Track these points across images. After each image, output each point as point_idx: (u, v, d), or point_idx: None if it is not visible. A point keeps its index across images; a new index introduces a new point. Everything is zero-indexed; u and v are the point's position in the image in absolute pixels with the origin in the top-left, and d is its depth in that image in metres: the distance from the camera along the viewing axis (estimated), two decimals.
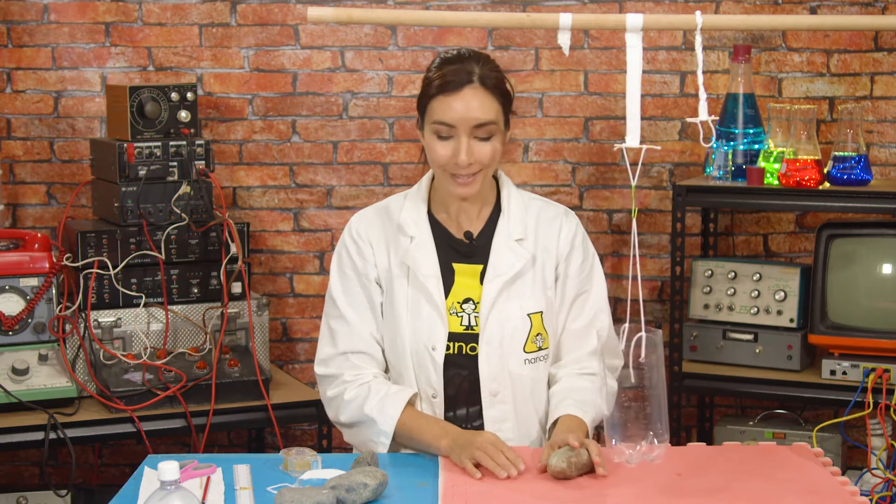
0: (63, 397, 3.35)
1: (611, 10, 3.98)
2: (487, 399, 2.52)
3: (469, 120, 2.43)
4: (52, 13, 3.93)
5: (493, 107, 2.46)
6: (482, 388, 2.52)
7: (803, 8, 3.98)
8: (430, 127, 2.47)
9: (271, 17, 3.99)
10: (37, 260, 3.44)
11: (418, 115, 2.54)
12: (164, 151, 3.54)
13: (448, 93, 2.44)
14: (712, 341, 3.77)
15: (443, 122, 2.44)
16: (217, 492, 2.23)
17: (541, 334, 2.55)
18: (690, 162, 4.07)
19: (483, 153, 2.46)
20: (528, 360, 2.54)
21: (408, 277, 2.54)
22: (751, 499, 2.17)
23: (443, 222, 2.59)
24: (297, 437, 4.09)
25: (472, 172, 2.47)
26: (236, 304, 3.57)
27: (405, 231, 2.57)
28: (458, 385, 2.54)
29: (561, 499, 2.17)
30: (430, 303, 2.52)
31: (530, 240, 2.57)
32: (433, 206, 2.61)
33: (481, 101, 2.44)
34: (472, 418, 2.55)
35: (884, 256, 3.61)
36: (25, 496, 3.66)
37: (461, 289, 2.54)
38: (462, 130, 2.44)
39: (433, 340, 2.51)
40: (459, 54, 2.50)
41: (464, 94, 2.44)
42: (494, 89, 2.46)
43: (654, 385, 2.18)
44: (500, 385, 2.52)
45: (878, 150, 4.01)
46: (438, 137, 2.47)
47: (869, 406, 3.48)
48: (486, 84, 2.45)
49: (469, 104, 2.43)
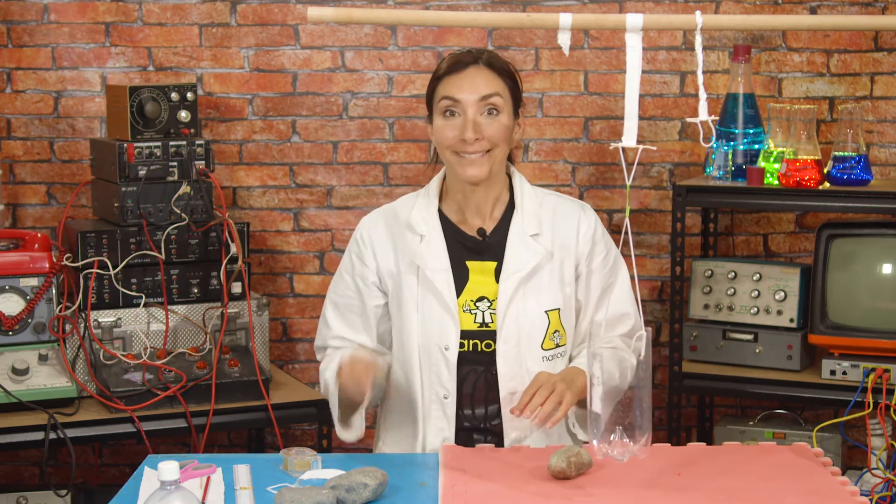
0: (63, 397, 3.35)
1: (611, 10, 3.98)
2: (507, 398, 2.52)
3: (473, 94, 2.49)
4: (52, 13, 3.93)
5: (498, 83, 2.52)
6: (500, 387, 2.52)
7: (803, 8, 3.98)
8: (438, 107, 2.52)
9: (271, 17, 3.99)
10: (37, 260, 3.44)
11: (428, 111, 2.57)
12: (164, 151, 3.54)
13: (454, 72, 2.51)
14: (712, 341, 3.77)
15: (448, 95, 2.50)
16: (217, 492, 2.23)
17: (558, 331, 2.54)
18: (690, 162, 4.07)
19: (490, 129, 2.49)
20: (546, 358, 2.53)
21: (417, 276, 2.54)
22: (751, 499, 2.17)
23: (454, 221, 2.59)
24: (297, 437, 4.09)
25: (482, 150, 2.48)
26: (236, 304, 3.57)
27: (415, 229, 2.57)
28: (474, 383, 2.54)
29: (560, 498, 2.17)
30: (440, 302, 2.52)
31: (546, 235, 2.56)
32: (444, 204, 2.61)
33: (486, 78, 2.51)
34: (490, 417, 2.55)
35: (884, 256, 3.61)
36: (25, 496, 3.66)
37: (475, 286, 2.54)
38: (468, 104, 2.48)
39: (445, 340, 2.51)
40: (464, 49, 2.59)
41: (469, 72, 2.51)
42: (500, 70, 2.54)
43: (643, 382, 2.18)
44: (519, 384, 2.51)
45: (878, 150, 4.01)
46: (444, 117, 2.50)
47: (869, 406, 3.48)
48: (493, 65, 2.53)
49: (474, 80, 2.50)
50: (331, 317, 2.69)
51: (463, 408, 2.55)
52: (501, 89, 2.51)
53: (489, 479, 2.26)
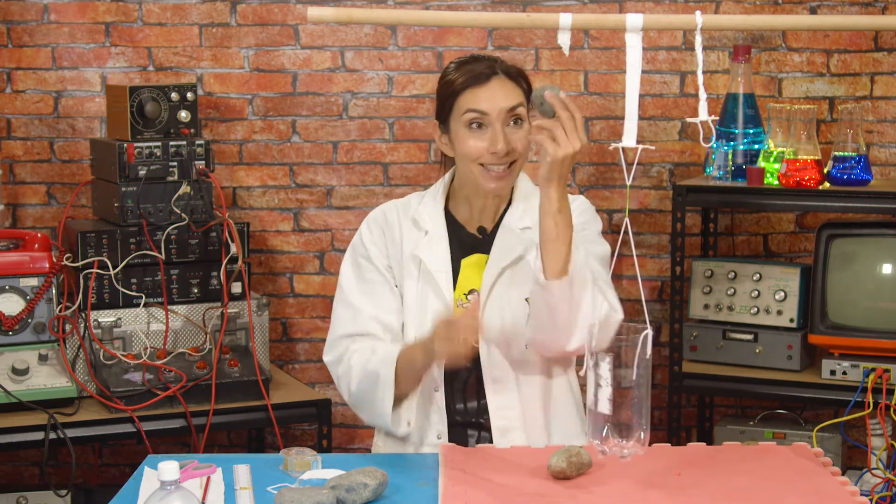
0: (63, 397, 3.35)
1: (611, 10, 3.98)
2: (490, 386, 2.53)
3: (502, 107, 2.49)
4: (52, 13, 3.93)
5: (519, 93, 2.53)
6: (484, 375, 2.53)
7: (803, 8, 3.98)
8: (461, 120, 2.51)
9: (271, 17, 3.99)
10: (37, 260, 3.44)
11: (438, 121, 2.57)
12: (164, 151, 3.54)
13: (477, 85, 2.50)
14: (712, 341, 3.77)
15: (477, 109, 2.49)
16: (217, 492, 2.23)
17: None
18: (690, 162, 4.07)
19: (518, 140, 2.51)
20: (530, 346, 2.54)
21: (419, 270, 2.56)
22: (751, 499, 2.17)
23: (461, 220, 2.61)
24: (297, 437, 4.09)
25: (509, 162, 2.50)
26: (236, 304, 3.57)
27: (420, 225, 2.59)
28: (465, 379, 2.55)
29: (560, 499, 2.17)
30: (437, 297, 2.53)
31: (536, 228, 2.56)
32: (452, 203, 2.63)
33: (509, 89, 2.51)
34: (480, 412, 2.56)
35: (884, 256, 3.61)
36: (25, 496, 3.66)
37: (466, 280, 2.57)
38: (496, 118, 2.49)
39: None
40: (473, 56, 2.58)
41: (491, 84, 2.50)
42: (518, 77, 2.54)
43: (643, 381, 2.18)
44: (503, 372, 2.53)
45: (878, 150, 4.01)
46: (470, 130, 2.50)
47: (869, 406, 3.48)
48: (510, 74, 2.53)
49: (498, 93, 2.50)
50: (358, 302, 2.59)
51: (455, 402, 2.56)
52: (522, 99, 2.53)
53: (489, 479, 2.26)
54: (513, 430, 2.54)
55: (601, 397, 2.14)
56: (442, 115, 2.57)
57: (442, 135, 2.58)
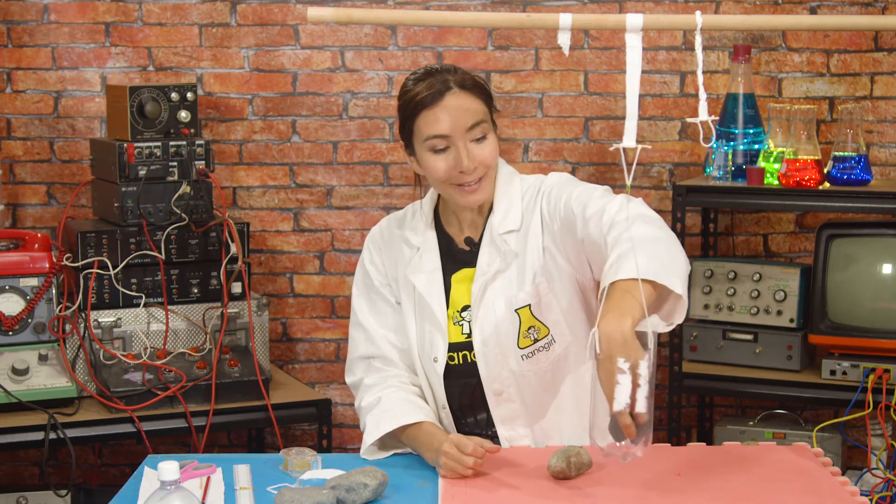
0: (63, 397, 3.35)
1: (611, 10, 3.98)
2: (493, 399, 2.51)
3: (461, 125, 2.41)
4: (52, 13, 3.93)
5: (478, 106, 2.44)
6: (485, 388, 2.52)
7: (803, 8, 3.98)
8: (424, 145, 2.44)
9: (271, 17, 3.99)
10: (37, 260, 3.44)
11: (403, 141, 2.51)
12: (164, 151, 3.54)
13: (431, 105, 2.41)
14: (712, 341, 3.77)
15: (436, 134, 2.42)
16: (217, 492, 2.23)
17: (533, 327, 2.49)
18: (690, 162, 4.07)
19: (483, 154, 2.43)
20: (526, 356, 2.50)
21: (414, 289, 2.54)
22: (751, 499, 2.17)
23: (451, 232, 2.57)
24: (297, 437, 4.09)
25: (478, 177, 2.45)
26: (236, 304, 3.57)
27: (411, 242, 2.57)
28: (470, 394, 2.54)
29: (560, 499, 2.17)
30: (431, 315, 2.51)
31: (521, 230, 2.51)
32: (443, 216, 2.59)
33: (467, 104, 2.42)
34: (490, 424, 2.55)
35: (884, 256, 3.61)
36: (25, 496, 3.66)
37: (458, 296, 2.53)
38: (457, 137, 2.41)
39: (434, 352, 2.51)
40: (427, 70, 2.48)
41: (447, 101, 2.41)
42: (474, 88, 2.45)
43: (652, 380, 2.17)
44: (503, 384, 2.50)
45: (878, 150, 4.01)
46: (434, 153, 2.44)
47: (869, 406, 3.48)
48: (465, 86, 2.43)
49: (456, 110, 2.41)
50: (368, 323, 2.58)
51: (465, 417, 2.55)
52: (483, 112, 2.44)
53: (489, 479, 2.26)
54: (520, 438, 2.53)
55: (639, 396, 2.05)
56: (404, 136, 2.50)
57: (409, 156, 2.52)
